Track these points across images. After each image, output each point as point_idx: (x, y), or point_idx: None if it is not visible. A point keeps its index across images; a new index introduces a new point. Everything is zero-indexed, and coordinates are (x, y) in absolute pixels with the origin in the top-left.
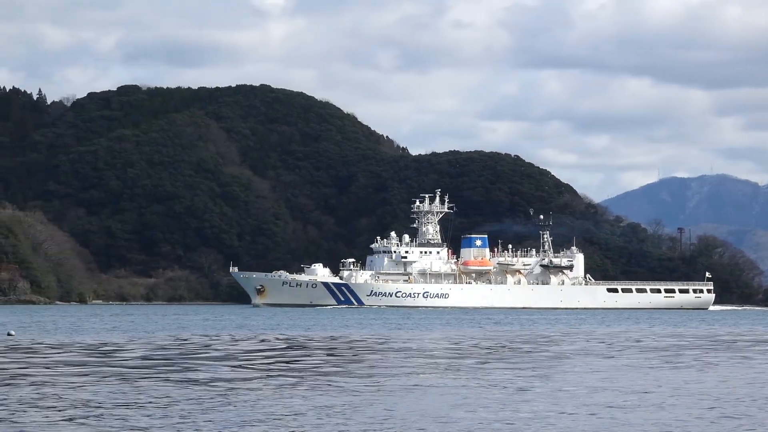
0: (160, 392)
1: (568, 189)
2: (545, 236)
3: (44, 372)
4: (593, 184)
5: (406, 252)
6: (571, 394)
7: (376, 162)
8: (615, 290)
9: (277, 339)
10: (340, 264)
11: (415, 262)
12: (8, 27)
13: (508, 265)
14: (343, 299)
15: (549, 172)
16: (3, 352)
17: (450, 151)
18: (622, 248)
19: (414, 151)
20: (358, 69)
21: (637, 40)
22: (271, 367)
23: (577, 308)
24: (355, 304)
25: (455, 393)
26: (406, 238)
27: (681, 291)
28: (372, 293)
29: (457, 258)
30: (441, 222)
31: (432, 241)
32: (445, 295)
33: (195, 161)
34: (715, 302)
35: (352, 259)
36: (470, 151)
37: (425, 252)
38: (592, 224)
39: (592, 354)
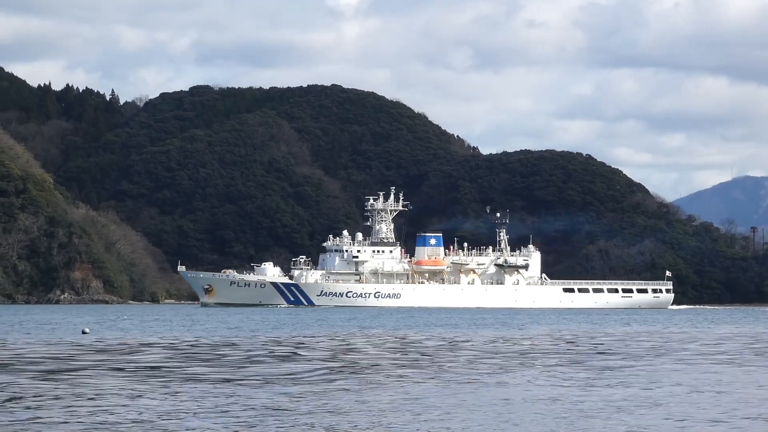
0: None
1: (641, 188)
2: (501, 234)
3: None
4: (666, 184)
5: (358, 251)
6: None
7: (447, 161)
8: (571, 290)
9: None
10: (292, 263)
11: (366, 261)
12: (85, 29)
13: (462, 264)
14: (292, 299)
15: (621, 171)
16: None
17: (521, 150)
18: (695, 248)
19: (485, 151)
20: (432, 69)
21: (712, 39)
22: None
23: (532, 308)
24: (305, 304)
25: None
26: (359, 236)
27: (639, 291)
28: (322, 293)
29: (410, 257)
30: (395, 219)
31: (385, 240)
32: (396, 295)
33: (267, 161)
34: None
35: (303, 257)
36: (541, 150)
37: (377, 251)
38: (664, 224)
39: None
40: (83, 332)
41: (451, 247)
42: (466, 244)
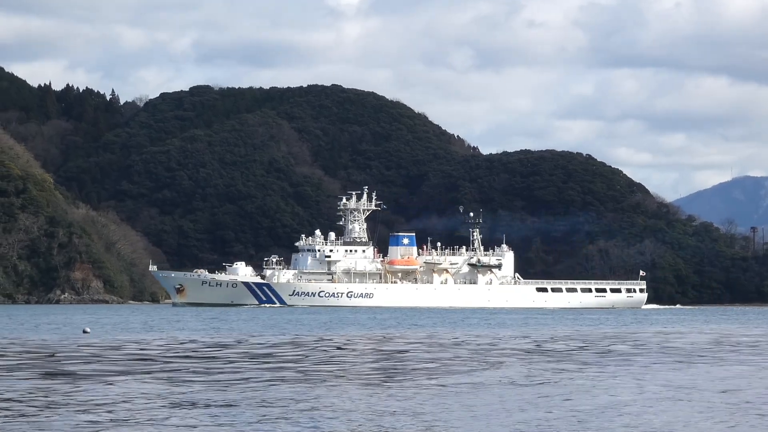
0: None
1: (641, 188)
2: (474, 234)
3: None
4: (666, 184)
5: (331, 251)
6: None
7: (447, 161)
8: (544, 290)
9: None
10: (264, 262)
11: (339, 261)
12: (86, 29)
13: (435, 264)
14: (264, 299)
15: (621, 171)
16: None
17: (521, 150)
18: (695, 248)
19: (485, 151)
20: (432, 69)
21: (713, 39)
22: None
23: (505, 308)
24: (277, 303)
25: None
26: (332, 236)
27: (613, 290)
28: (294, 293)
29: (383, 257)
30: (368, 219)
31: (358, 240)
32: (369, 295)
33: (267, 161)
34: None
35: (276, 257)
36: (541, 150)
37: (350, 251)
38: (664, 224)
39: None
40: (84, 331)
41: (425, 246)
42: (439, 244)
